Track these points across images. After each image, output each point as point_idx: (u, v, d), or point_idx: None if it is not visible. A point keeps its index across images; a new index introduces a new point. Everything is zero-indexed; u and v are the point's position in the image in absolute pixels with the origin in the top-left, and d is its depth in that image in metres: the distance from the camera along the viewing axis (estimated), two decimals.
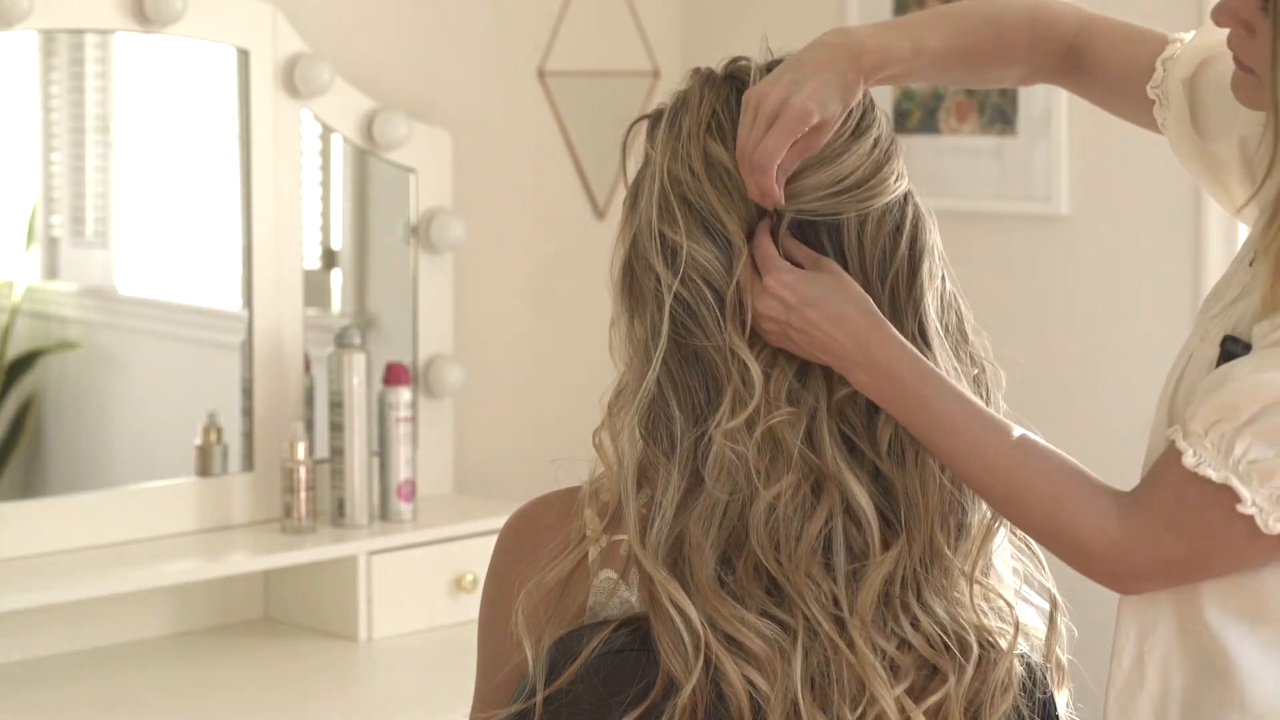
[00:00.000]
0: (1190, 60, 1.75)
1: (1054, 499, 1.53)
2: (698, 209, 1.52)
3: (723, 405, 1.48)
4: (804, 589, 1.46)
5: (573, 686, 1.46)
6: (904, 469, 1.51)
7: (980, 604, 1.53)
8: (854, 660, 1.46)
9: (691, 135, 1.54)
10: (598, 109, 3.60)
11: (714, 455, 1.47)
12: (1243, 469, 1.49)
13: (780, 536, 1.47)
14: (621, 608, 1.50)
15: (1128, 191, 3.23)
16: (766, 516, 1.46)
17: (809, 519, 1.47)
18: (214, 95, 3.19)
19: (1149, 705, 1.62)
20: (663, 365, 1.51)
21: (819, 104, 1.53)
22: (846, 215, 1.52)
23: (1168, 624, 1.61)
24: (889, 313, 1.53)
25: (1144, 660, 1.63)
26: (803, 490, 1.48)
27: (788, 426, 1.48)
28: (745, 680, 1.45)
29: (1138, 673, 1.63)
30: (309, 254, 3.27)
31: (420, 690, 2.87)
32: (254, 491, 3.12)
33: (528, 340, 3.57)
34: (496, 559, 1.57)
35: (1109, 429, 3.12)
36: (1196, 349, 1.62)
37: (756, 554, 1.47)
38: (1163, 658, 1.62)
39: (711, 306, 1.50)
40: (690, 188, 1.53)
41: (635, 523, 1.49)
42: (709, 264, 1.51)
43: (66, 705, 2.74)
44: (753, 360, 1.49)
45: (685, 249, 1.51)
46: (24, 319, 3.25)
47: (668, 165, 1.54)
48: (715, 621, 1.45)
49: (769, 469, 1.47)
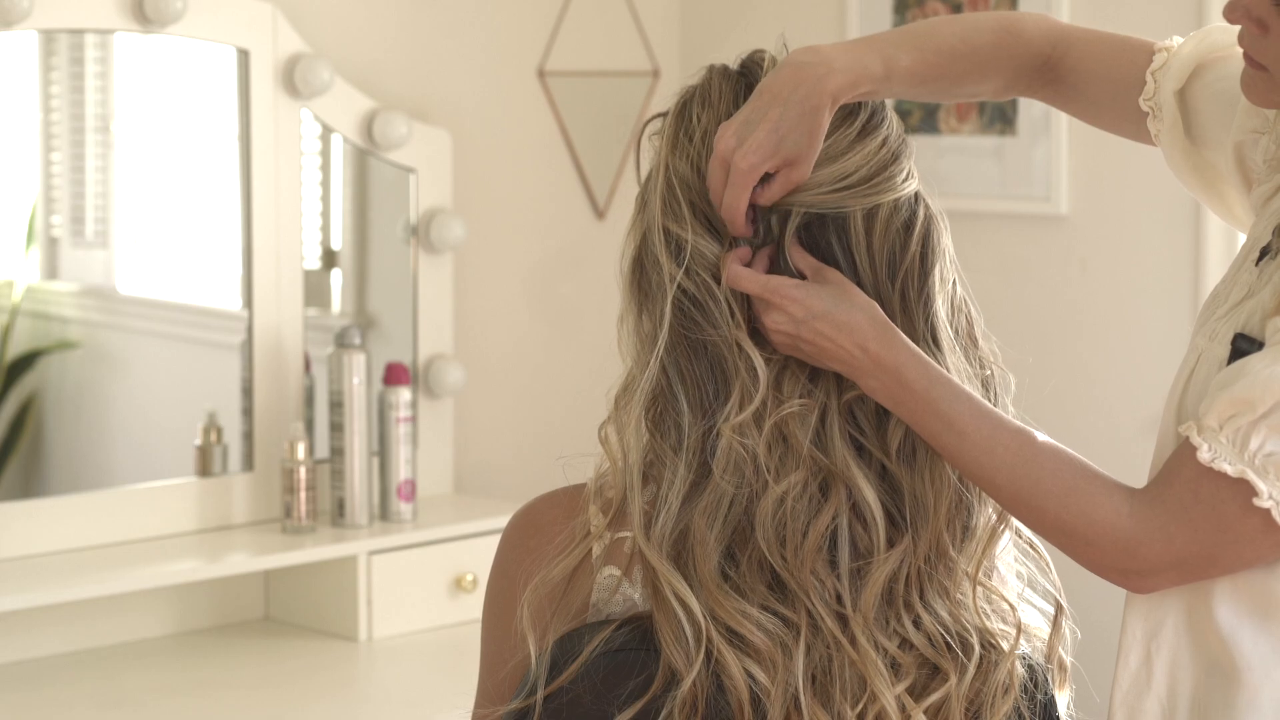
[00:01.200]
0: (1181, 71, 1.75)
1: (1065, 495, 1.53)
2: (701, 207, 1.53)
3: (730, 399, 1.49)
4: (809, 585, 1.47)
5: (573, 685, 1.47)
6: (913, 470, 1.51)
7: (983, 605, 1.53)
8: (856, 657, 1.47)
9: (706, 134, 1.54)
10: (598, 109, 3.60)
11: (722, 448, 1.48)
12: (1259, 462, 1.49)
13: (786, 532, 1.47)
14: (624, 605, 1.50)
15: (1128, 191, 3.23)
16: (774, 512, 1.47)
17: (816, 516, 1.48)
18: (214, 95, 3.19)
19: (1156, 706, 1.62)
20: (670, 358, 1.51)
21: (772, 148, 1.53)
22: (852, 210, 1.52)
23: (1176, 623, 1.61)
24: (900, 313, 1.53)
25: (1151, 660, 1.63)
26: (810, 487, 1.49)
27: (798, 423, 1.49)
28: (746, 674, 1.45)
29: (1145, 673, 1.63)
30: (309, 254, 3.27)
31: (420, 690, 2.87)
32: (254, 491, 3.12)
33: (528, 340, 3.57)
34: (501, 556, 1.58)
35: (1109, 429, 3.12)
36: (1205, 349, 1.62)
37: (761, 549, 1.47)
38: (1171, 657, 1.62)
39: (717, 299, 1.51)
40: (696, 187, 1.53)
41: (640, 516, 1.49)
42: (716, 258, 1.52)
43: (66, 705, 2.74)
44: (757, 354, 1.50)
45: (690, 243, 1.52)
46: (24, 319, 3.24)
47: (675, 164, 1.54)
48: (717, 614, 1.45)
49: (778, 465, 1.48)
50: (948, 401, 1.53)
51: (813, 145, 1.54)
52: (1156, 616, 1.61)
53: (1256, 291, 1.60)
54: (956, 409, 1.53)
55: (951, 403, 1.53)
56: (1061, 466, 1.54)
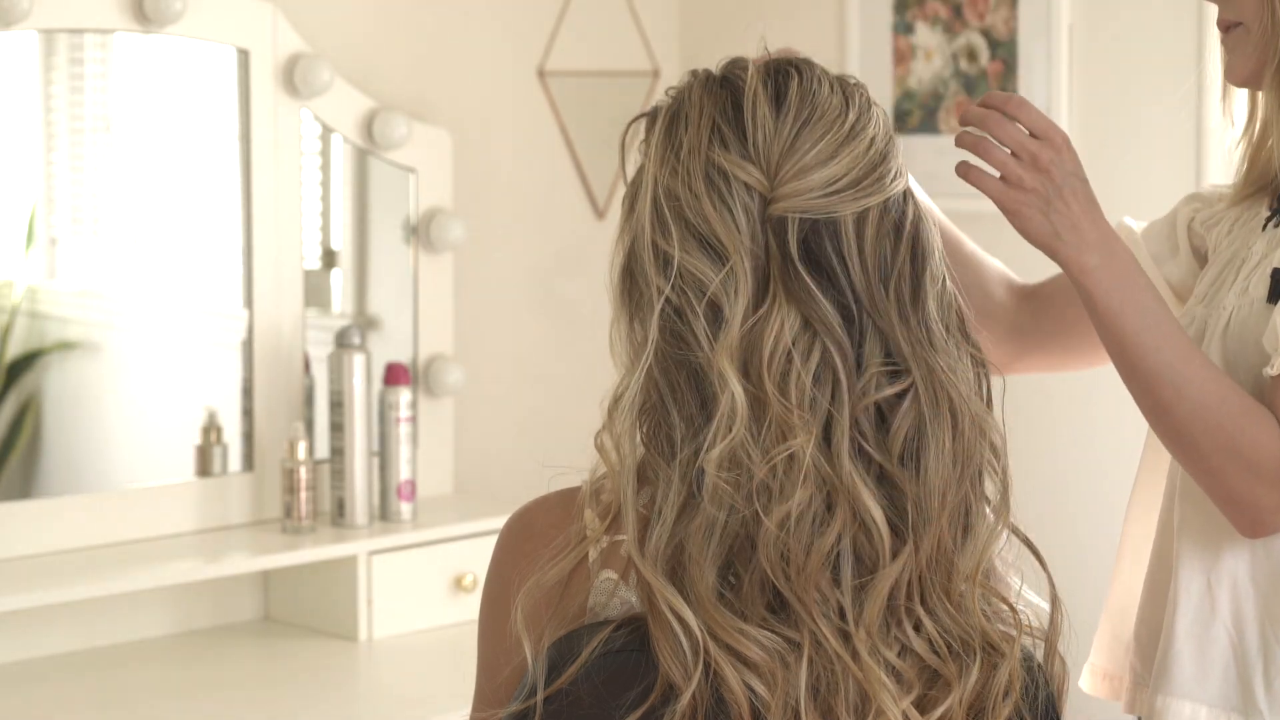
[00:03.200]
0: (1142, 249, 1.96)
1: (1242, 415, 1.62)
2: (695, 226, 1.51)
3: (711, 427, 1.48)
4: (812, 605, 1.45)
5: (573, 687, 1.46)
6: (916, 473, 1.50)
7: (983, 607, 1.53)
8: (860, 675, 1.46)
9: (692, 151, 1.53)
10: (598, 109, 3.60)
11: (707, 481, 1.47)
12: None
13: (790, 553, 1.46)
14: (622, 608, 1.50)
15: (1128, 191, 3.22)
16: (778, 533, 1.46)
17: (820, 534, 1.47)
18: (214, 95, 3.19)
19: (1223, 631, 1.68)
20: (660, 370, 1.50)
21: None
22: (842, 215, 1.52)
23: (1234, 546, 1.66)
24: (896, 317, 1.52)
25: (1213, 589, 1.69)
26: (815, 505, 1.47)
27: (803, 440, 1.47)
28: (746, 687, 1.44)
29: (1208, 603, 1.69)
30: (309, 254, 3.27)
31: (420, 690, 2.87)
32: (254, 491, 3.12)
33: (528, 340, 3.57)
34: (496, 559, 1.57)
35: (1108, 428, 3.12)
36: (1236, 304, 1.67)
37: (765, 570, 1.46)
38: (1232, 582, 1.69)
39: (700, 318, 1.50)
40: (689, 205, 1.52)
41: (634, 527, 1.48)
42: (703, 276, 1.50)
43: (66, 705, 2.74)
44: (737, 383, 1.48)
45: (678, 259, 1.50)
46: (24, 319, 3.24)
47: (665, 180, 1.53)
48: (715, 632, 1.45)
49: (781, 486, 1.46)
50: (1153, 298, 1.62)
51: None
52: (1213, 548, 1.67)
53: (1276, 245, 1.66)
54: (1162, 311, 1.62)
55: (1158, 303, 1.62)
56: (1240, 392, 1.64)
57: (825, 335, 1.49)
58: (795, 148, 1.51)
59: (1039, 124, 1.62)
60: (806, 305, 1.49)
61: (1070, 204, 1.60)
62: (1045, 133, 1.62)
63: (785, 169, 1.51)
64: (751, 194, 1.51)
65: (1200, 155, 3.09)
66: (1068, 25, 3.23)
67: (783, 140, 1.51)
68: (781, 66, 1.55)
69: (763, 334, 1.48)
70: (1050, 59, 3.25)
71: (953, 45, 3.39)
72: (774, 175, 1.51)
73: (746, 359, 1.48)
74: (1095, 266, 1.61)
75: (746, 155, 1.51)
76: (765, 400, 1.47)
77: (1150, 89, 3.16)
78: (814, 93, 1.53)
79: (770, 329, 1.48)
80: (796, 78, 1.54)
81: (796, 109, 1.52)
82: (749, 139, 1.51)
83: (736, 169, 1.51)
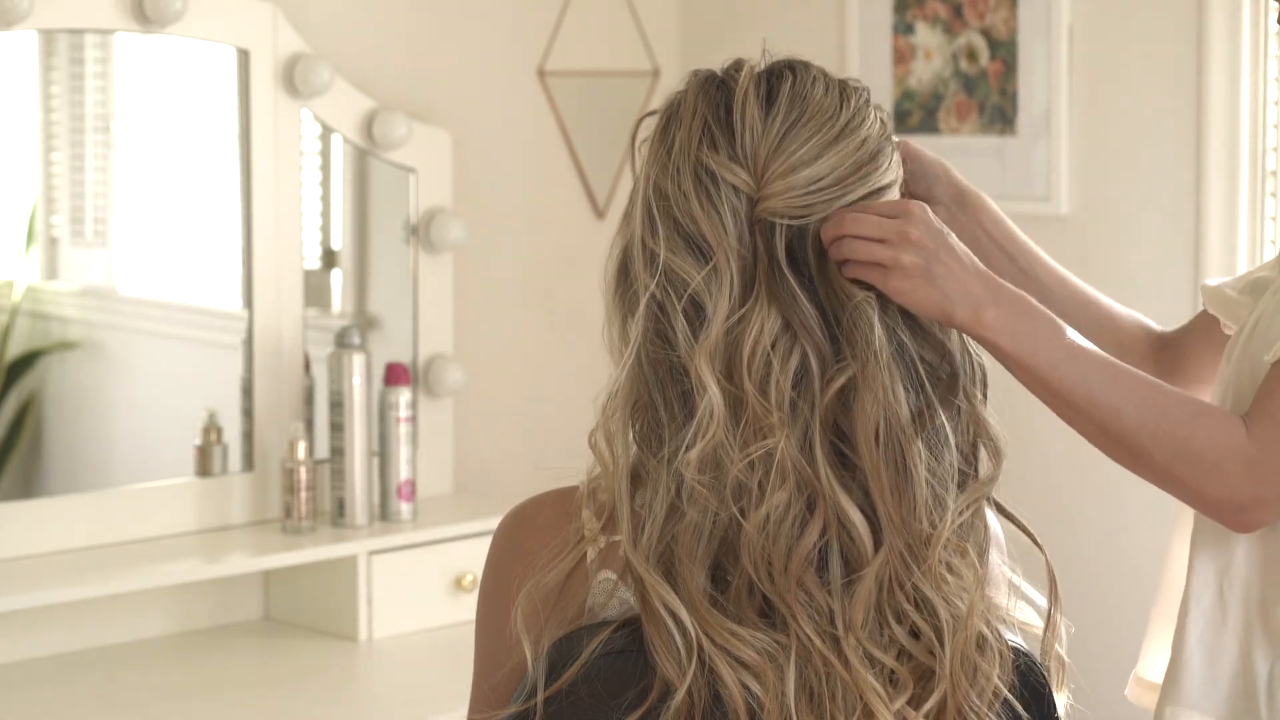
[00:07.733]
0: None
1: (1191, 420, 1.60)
2: (682, 225, 1.51)
3: (690, 428, 1.48)
4: (797, 609, 1.45)
5: (573, 688, 1.46)
6: (887, 463, 1.49)
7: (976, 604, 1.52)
8: (849, 679, 1.46)
9: (683, 150, 1.53)
10: (598, 109, 3.60)
11: (686, 483, 1.47)
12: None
13: (772, 555, 1.46)
14: (621, 608, 1.50)
15: (1128, 191, 3.23)
16: (758, 535, 1.46)
17: (801, 536, 1.46)
18: (214, 95, 3.19)
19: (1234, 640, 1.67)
20: (651, 370, 1.50)
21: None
22: (826, 213, 1.51)
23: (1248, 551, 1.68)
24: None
25: (1225, 596, 1.68)
26: (794, 508, 1.47)
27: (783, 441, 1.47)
28: (741, 685, 1.44)
29: (1219, 611, 1.69)
30: (309, 254, 3.28)
31: (420, 690, 2.87)
32: (254, 491, 3.12)
33: (528, 340, 3.57)
34: (492, 558, 1.57)
35: None
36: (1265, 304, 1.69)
37: (749, 573, 1.46)
38: (1244, 588, 1.68)
39: (680, 316, 1.50)
40: (677, 204, 1.52)
41: (629, 524, 1.48)
42: (686, 275, 1.50)
43: (66, 705, 2.74)
44: (714, 385, 1.48)
45: (663, 258, 1.50)
46: (24, 319, 3.25)
47: (656, 179, 1.53)
48: (708, 632, 1.45)
49: (759, 487, 1.46)
50: (1072, 335, 1.59)
51: None
52: (1226, 554, 1.67)
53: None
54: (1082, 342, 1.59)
55: (1076, 336, 1.59)
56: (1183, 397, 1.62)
57: (805, 338, 1.49)
58: (782, 148, 1.51)
59: (885, 209, 1.55)
60: (788, 307, 1.49)
61: (949, 263, 1.54)
62: (895, 210, 1.55)
63: (772, 169, 1.50)
64: (739, 196, 1.51)
65: (1200, 155, 3.09)
66: (1068, 25, 3.23)
67: (770, 141, 1.51)
68: (777, 68, 1.55)
69: (743, 335, 1.48)
70: (1050, 59, 3.25)
71: (953, 45, 3.39)
72: (760, 176, 1.50)
73: (728, 359, 1.49)
74: (992, 318, 1.55)
75: (735, 157, 1.51)
76: (744, 400, 1.48)
77: (1150, 89, 3.16)
78: (806, 94, 1.53)
79: (750, 330, 1.48)
80: (790, 79, 1.54)
81: (786, 110, 1.52)
82: (737, 140, 1.51)
83: (724, 171, 1.51)
